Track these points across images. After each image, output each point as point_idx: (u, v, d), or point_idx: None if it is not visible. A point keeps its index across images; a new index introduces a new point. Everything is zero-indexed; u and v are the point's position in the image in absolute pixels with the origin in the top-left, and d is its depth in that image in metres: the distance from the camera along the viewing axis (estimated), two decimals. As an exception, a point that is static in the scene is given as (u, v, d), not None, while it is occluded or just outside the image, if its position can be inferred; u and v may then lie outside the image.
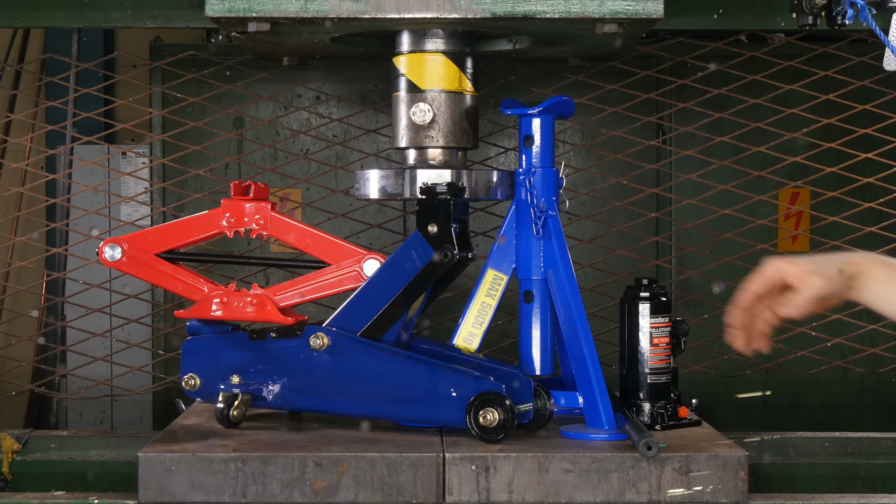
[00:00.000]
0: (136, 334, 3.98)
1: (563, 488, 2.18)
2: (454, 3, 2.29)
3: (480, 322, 2.46)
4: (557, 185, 2.46)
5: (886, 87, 3.31)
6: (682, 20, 3.06)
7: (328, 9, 2.30)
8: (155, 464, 2.19)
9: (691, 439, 2.34)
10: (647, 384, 2.44)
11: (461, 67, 2.49)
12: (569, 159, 3.76)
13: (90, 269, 3.34)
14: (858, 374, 3.89)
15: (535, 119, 2.45)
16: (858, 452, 2.83)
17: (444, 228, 2.36)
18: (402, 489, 2.19)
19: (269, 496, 2.18)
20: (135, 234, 2.50)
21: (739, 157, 3.41)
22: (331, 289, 2.45)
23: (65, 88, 3.55)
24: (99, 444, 2.89)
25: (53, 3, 3.00)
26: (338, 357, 2.38)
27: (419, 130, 2.47)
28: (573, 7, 2.29)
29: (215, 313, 2.46)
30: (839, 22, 2.30)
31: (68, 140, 4.12)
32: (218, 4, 2.30)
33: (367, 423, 2.44)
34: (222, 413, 2.41)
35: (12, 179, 5.92)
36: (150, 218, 4.15)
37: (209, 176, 3.65)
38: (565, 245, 2.42)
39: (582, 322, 2.36)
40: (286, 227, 2.48)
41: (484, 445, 2.27)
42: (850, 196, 3.34)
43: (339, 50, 2.73)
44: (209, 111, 3.77)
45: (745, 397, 4.20)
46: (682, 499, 2.18)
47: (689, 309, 3.58)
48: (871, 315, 3.68)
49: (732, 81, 3.34)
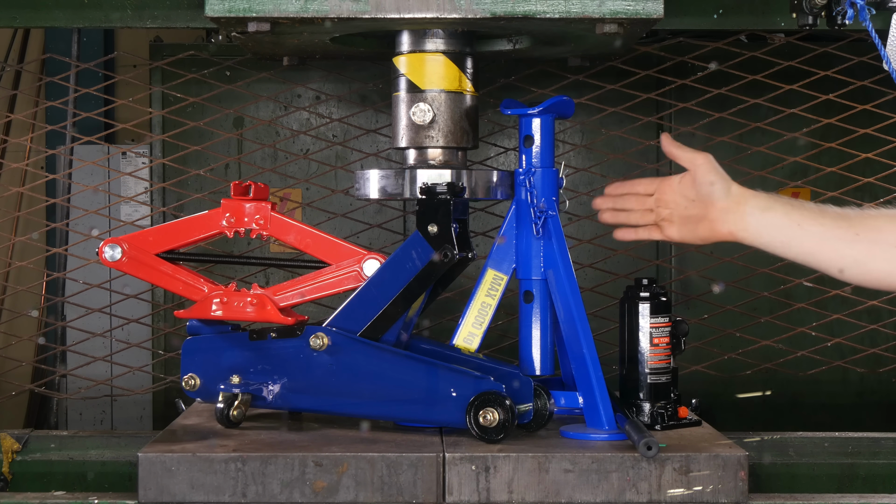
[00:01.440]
0: (136, 334, 3.98)
1: (563, 488, 2.18)
2: (454, 3, 2.29)
3: (480, 322, 2.46)
4: (557, 185, 2.46)
5: (886, 88, 3.31)
6: (682, 20, 3.06)
7: (328, 9, 2.30)
8: (155, 464, 2.19)
9: (691, 439, 2.34)
10: (647, 384, 2.44)
11: (461, 67, 2.49)
12: (569, 159, 3.76)
13: (90, 269, 3.34)
14: (858, 374, 3.89)
15: (535, 119, 2.45)
16: (858, 452, 2.83)
17: (444, 228, 2.36)
18: (402, 489, 2.19)
19: (269, 496, 2.18)
20: (135, 234, 2.50)
21: (739, 156, 3.41)
22: (331, 289, 2.45)
23: (65, 88, 3.55)
24: (99, 444, 2.88)
25: (53, 3, 2.99)
26: (338, 357, 2.38)
27: (419, 130, 2.47)
28: (573, 7, 2.29)
29: (215, 313, 2.45)
30: (839, 22, 2.29)
31: (68, 140, 4.12)
32: (218, 4, 2.30)
33: (367, 423, 2.44)
34: (222, 413, 2.41)
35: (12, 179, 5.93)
36: (150, 218, 4.16)
37: (209, 176, 3.65)
38: (565, 245, 2.42)
39: (582, 322, 2.36)
40: (286, 227, 2.48)
41: (484, 445, 2.27)
42: (850, 196, 3.33)
43: (339, 50, 2.73)
44: (209, 111, 3.78)
45: (745, 397, 4.20)
46: (682, 499, 2.18)
47: (689, 309, 3.58)
48: (871, 315, 3.71)
49: (732, 81, 3.34)
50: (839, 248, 2.08)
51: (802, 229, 2.11)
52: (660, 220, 2.32)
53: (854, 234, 2.07)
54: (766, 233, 2.16)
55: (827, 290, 3.44)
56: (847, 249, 2.07)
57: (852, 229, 2.07)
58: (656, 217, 2.33)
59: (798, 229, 2.12)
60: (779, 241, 2.15)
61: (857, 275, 2.09)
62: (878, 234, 2.06)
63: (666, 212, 2.31)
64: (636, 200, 2.36)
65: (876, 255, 2.05)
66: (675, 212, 2.29)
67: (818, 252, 2.11)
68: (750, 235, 2.18)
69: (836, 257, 2.09)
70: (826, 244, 2.10)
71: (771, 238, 2.16)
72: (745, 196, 2.19)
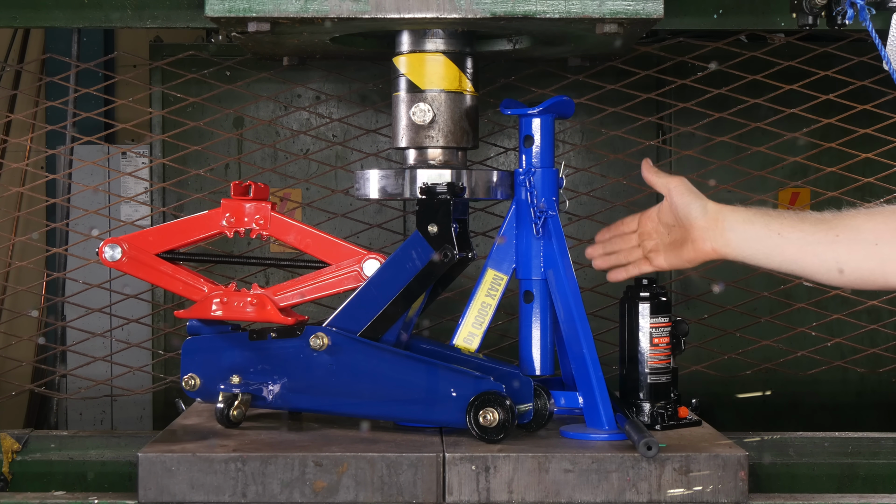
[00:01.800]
0: (136, 334, 3.99)
1: (563, 488, 2.18)
2: (454, 3, 2.29)
3: (480, 322, 2.46)
4: (557, 185, 2.46)
5: (886, 88, 3.31)
6: (682, 20, 3.06)
7: (328, 9, 2.30)
8: (155, 464, 2.19)
9: (691, 439, 2.34)
10: (647, 384, 2.44)
11: (461, 67, 2.49)
12: (569, 159, 3.76)
13: (90, 269, 3.34)
14: (858, 374, 3.89)
15: (535, 119, 2.45)
16: (858, 452, 2.83)
17: (444, 228, 2.36)
18: (402, 489, 2.19)
19: (269, 496, 2.18)
20: (135, 234, 2.50)
21: (739, 156, 3.41)
22: (331, 289, 2.45)
23: (65, 88, 3.55)
24: (99, 444, 2.88)
25: (53, 3, 2.99)
26: (338, 357, 2.38)
27: (419, 130, 2.47)
28: (573, 7, 2.29)
29: (215, 313, 2.45)
30: (839, 22, 2.29)
31: (68, 140, 4.12)
32: (218, 4, 2.30)
33: (367, 423, 2.44)
34: (222, 413, 2.41)
35: (12, 179, 5.93)
36: (150, 218, 4.16)
37: (209, 176, 3.65)
38: (565, 245, 2.42)
39: (582, 322, 2.36)
40: (286, 227, 2.48)
41: (484, 445, 2.27)
42: (850, 196, 3.33)
43: (339, 50, 2.73)
44: (209, 111, 3.78)
45: (745, 397, 4.20)
46: (682, 499, 2.18)
47: (689, 309, 3.58)
48: (871, 315, 3.71)
49: (732, 81, 3.34)
50: (820, 251, 2.09)
51: (783, 237, 2.12)
52: (647, 253, 2.38)
53: (834, 235, 2.07)
54: (747, 245, 2.18)
55: (827, 290, 3.44)
56: (828, 252, 2.08)
57: (832, 231, 2.08)
58: (643, 251, 2.39)
59: (778, 238, 2.13)
60: (761, 253, 2.17)
61: (847, 278, 2.09)
62: (857, 234, 2.06)
63: (651, 243, 2.36)
64: (622, 240, 2.42)
65: (856, 253, 2.06)
66: (660, 241, 2.35)
67: (800, 258, 2.12)
68: (732, 250, 2.20)
69: (818, 262, 2.09)
70: (807, 249, 2.10)
71: (753, 251, 2.17)
72: (722, 212, 2.21)
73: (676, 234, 2.30)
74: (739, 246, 2.19)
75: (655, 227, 2.36)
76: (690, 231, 2.25)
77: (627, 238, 2.42)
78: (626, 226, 2.42)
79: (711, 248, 2.23)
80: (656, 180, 2.33)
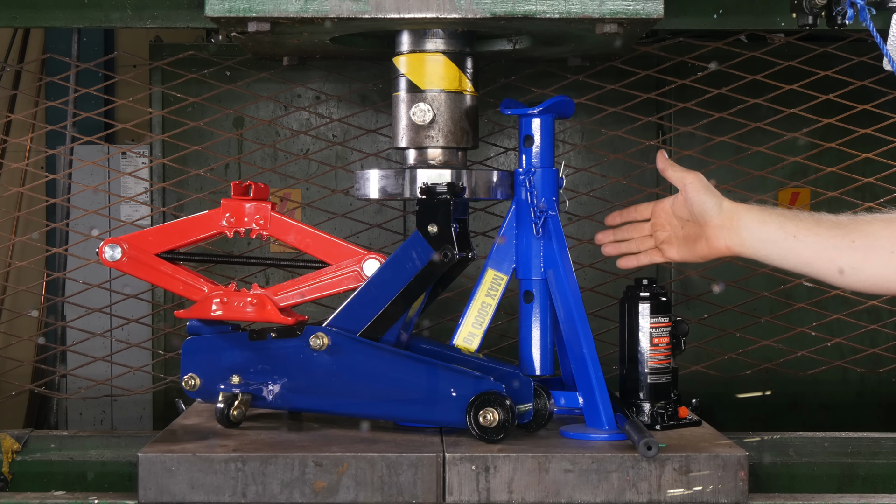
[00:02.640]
0: (136, 334, 3.99)
1: (563, 488, 2.18)
2: (454, 3, 2.29)
3: (480, 322, 2.46)
4: (557, 185, 2.46)
5: (886, 87, 3.31)
6: (682, 20, 3.06)
7: (328, 9, 2.30)
8: (155, 464, 2.19)
9: (691, 439, 2.34)
10: (647, 384, 2.44)
11: (461, 67, 2.49)
12: (569, 159, 3.76)
13: (90, 269, 3.34)
14: (858, 374, 3.89)
15: (535, 119, 2.45)
16: (858, 452, 2.83)
17: (444, 228, 2.36)
18: (402, 489, 2.19)
19: (269, 496, 2.18)
20: (135, 234, 2.50)
21: (739, 157, 3.41)
22: (331, 289, 2.45)
23: (65, 88, 3.55)
24: (99, 444, 2.88)
25: (53, 3, 2.99)
26: (338, 357, 2.38)
27: (419, 130, 2.47)
28: (573, 7, 2.29)
29: (215, 313, 2.45)
30: (839, 22, 2.29)
31: (68, 140, 4.12)
32: (218, 4, 2.30)
33: (367, 423, 2.44)
34: (222, 413, 2.41)
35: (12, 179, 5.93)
36: (150, 218, 4.16)
37: (209, 176, 3.65)
38: (565, 245, 2.42)
39: (582, 322, 2.36)
40: (286, 227, 2.48)
41: (484, 445, 2.27)
42: (850, 196, 3.34)
43: (339, 50, 2.73)
44: (209, 111, 3.78)
45: (745, 397, 4.20)
46: (682, 499, 2.18)
47: (689, 309, 3.58)
48: (871, 315, 3.71)
49: (732, 81, 3.34)
50: (835, 256, 2.09)
51: (798, 240, 2.13)
52: (659, 244, 2.39)
53: (850, 241, 2.08)
54: (762, 246, 2.18)
55: (827, 290, 3.44)
56: (844, 258, 2.08)
57: (848, 237, 2.08)
58: (655, 241, 2.40)
59: (794, 240, 2.13)
60: (776, 254, 2.17)
61: (855, 281, 2.10)
62: (874, 241, 2.07)
63: (664, 234, 2.36)
64: (634, 228, 2.43)
65: (872, 260, 2.06)
66: (673, 233, 2.35)
67: (815, 261, 2.13)
68: (747, 249, 2.21)
69: (834, 267, 2.10)
70: (822, 253, 2.11)
71: (768, 251, 2.18)
72: (737, 211, 2.22)
73: (690, 229, 2.31)
74: (754, 246, 2.20)
75: (669, 218, 2.37)
76: (705, 228, 2.26)
77: (640, 226, 2.41)
78: (639, 213, 2.42)
79: (726, 247, 2.24)
80: (672, 173, 2.33)
